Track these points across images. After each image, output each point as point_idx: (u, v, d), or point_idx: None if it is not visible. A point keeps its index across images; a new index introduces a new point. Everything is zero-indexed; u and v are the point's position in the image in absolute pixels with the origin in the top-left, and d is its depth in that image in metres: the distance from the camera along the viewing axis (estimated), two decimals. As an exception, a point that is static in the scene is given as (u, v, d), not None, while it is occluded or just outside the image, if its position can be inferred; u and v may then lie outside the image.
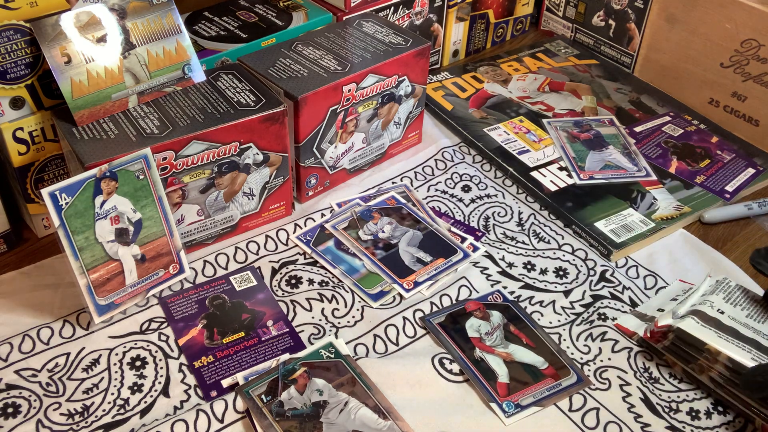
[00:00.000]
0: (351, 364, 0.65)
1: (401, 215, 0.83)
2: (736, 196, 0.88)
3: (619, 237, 0.80)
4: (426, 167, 0.91)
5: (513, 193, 0.88)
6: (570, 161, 0.92)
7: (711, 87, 1.00)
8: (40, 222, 0.79)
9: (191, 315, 0.70)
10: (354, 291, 0.74)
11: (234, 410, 0.62)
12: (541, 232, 0.82)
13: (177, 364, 0.66)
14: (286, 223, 0.82)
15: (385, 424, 0.60)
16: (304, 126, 0.79)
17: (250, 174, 0.76)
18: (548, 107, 1.02)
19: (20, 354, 0.66)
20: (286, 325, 0.70)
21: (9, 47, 0.68)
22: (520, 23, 1.22)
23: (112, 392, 0.63)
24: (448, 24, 1.09)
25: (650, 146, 0.95)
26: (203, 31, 0.90)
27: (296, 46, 0.85)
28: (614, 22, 1.12)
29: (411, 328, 0.70)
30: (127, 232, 0.67)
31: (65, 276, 0.73)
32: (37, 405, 0.62)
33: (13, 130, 0.72)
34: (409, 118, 0.91)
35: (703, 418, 0.64)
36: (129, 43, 0.73)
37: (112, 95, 0.72)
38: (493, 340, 0.69)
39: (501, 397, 0.64)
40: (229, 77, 0.79)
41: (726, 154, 0.94)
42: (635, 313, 0.73)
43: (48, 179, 0.77)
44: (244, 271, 0.76)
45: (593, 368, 0.67)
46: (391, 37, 0.87)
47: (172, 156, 0.69)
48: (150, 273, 0.70)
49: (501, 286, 0.75)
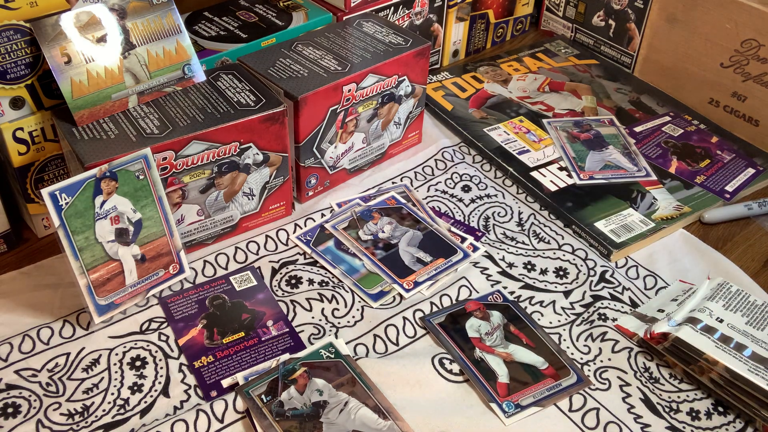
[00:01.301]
0: (351, 364, 0.65)
1: (401, 215, 0.83)
2: (736, 196, 0.88)
3: (619, 237, 0.80)
4: (426, 167, 0.91)
5: (513, 193, 0.88)
6: (570, 161, 0.92)
7: (711, 87, 1.00)
8: (40, 222, 0.79)
9: (191, 315, 0.70)
10: (354, 291, 0.74)
11: (234, 410, 0.62)
12: (541, 232, 0.82)
13: (177, 364, 0.66)
14: (286, 223, 0.82)
15: (385, 424, 0.60)
16: (304, 126, 0.79)
17: (250, 174, 0.76)
18: (548, 107, 1.02)
19: (20, 354, 0.66)
20: (286, 325, 0.70)
21: (9, 47, 0.68)
22: (520, 23, 1.22)
23: (112, 392, 0.63)
24: (448, 24, 1.09)
25: (650, 146, 0.95)
26: (203, 31, 0.90)
27: (296, 46, 0.85)
28: (614, 22, 1.12)
29: (411, 328, 0.70)
30: (127, 232, 0.67)
31: (65, 276, 0.73)
32: (37, 405, 0.62)
33: (13, 130, 0.72)
34: (409, 118, 0.91)
35: (704, 418, 0.64)
36: (129, 43, 0.73)
37: (112, 95, 0.72)
38: (493, 340, 0.69)
39: (501, 397, 0.64)
40: (229, 77, 0.79)
41: (726, 154, 0.94)
42: (635, 313, 0.73)
43: (48, 179, 0.76)
44: (244, 271, 0.76)
45: (593, 368, 0.67)
46: (391, 37, 0.87)
47: (172, 156, 0.69)
48: (150, 273, 0.70)
49: (501, 286, 0.75)
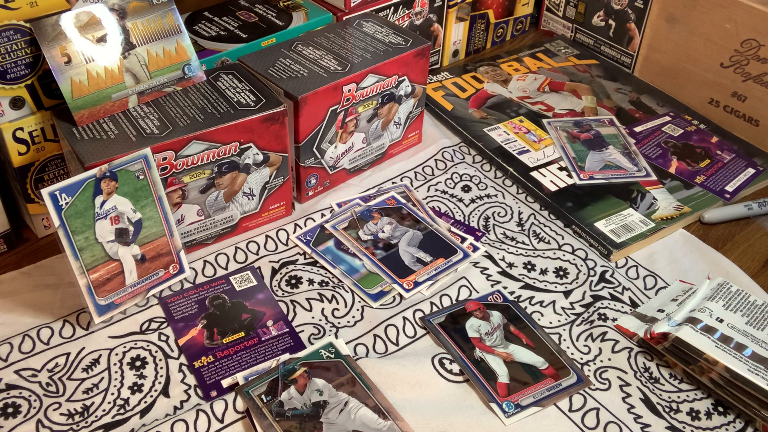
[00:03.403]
0: (351, 364, 0.65)
1: (401, 215, 0.83)
2: (736, 196, 0.88)
3: (619, 237, 0.80)
4: (426, 167, 0.91)
5: (513, 193, 0.88)
6: (570, 161, 0.92)
7: (711, 87, 1.00)
8: (40, 222, 0.79)
9: (191, 315, 0.70)
10: (354, 291, 0.74)
11: (234, 410, 0.62)
12: (541, 232, 0.82)
13: (177, 364, 0.66)
14: (286, 223, 0.82)
15: (385, 424, 0.60)
16: (304, 126, 0.79)
17: (250, 174, 0.76)
18: (548, 107, 1.02)
19: (20, 354, 0.66)
20: (286, 325, 0.70)
21: (9, 47, 0.68)
22: (520, 23, 1.22)
23: (112, 392, 0.63)
24: (448, 24, 1.09)
25: (650, 146, 0.95)
26: (203, 31, 0.90)
27: (296, 46, 0.85)
28: (614, 22, 1.12)
29: (411, 328, 0.70)
30: (127, 232, 0.67)
31: (65, 276, 0.73)
32: (37, 405, 0.62)
33: (13, 130, 0.72)
34: (409, 118, 0.91)
35: (704, 418, 0.64)
36: (129, 43, 0.73)
37: (112, 95, 0.72)
38: (493, 340, 0.69)
39: (501, 397, 0.64)
40: (229, 77, 0.79)
41: (726, 154, 0.94)
42: (635, 313, 0.73)
43: (48, 179, 0.76)
44: (244, 271, 0.76)
45: (593, 368, 0.67)
46: (391, 37, 0.87)
47: (172, 156, 0.69)
48: (150, 273, 0.70)
49: (501, 286, 0.75)
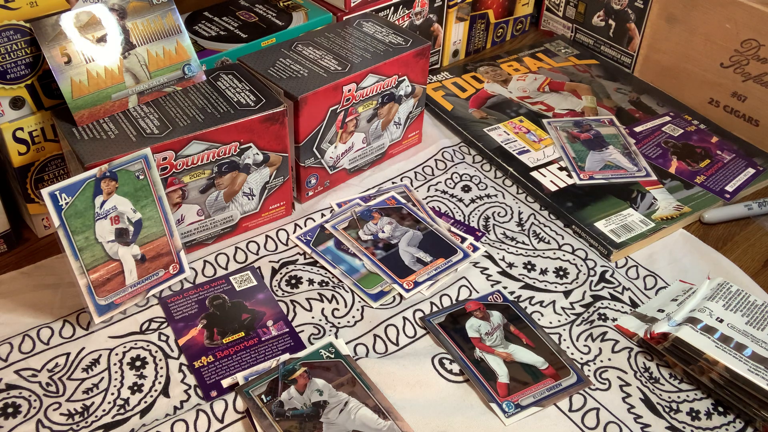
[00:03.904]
0: (351, 364, 0.65)
1: (401, 215, 0.83)
2: (736, 196, 0.88)
3: (619, 237, 0.80)
4: (426, 167, 0.91)
5: (513, 193, 0.88)
6: (570, 161, 0.92)
7: (711, 87, 1.00)
8: (40, 222, 0.79)
9: (191, 315, 0.70)
10: (354, 291, 0.74)
11: (234, 410, 0.62)
12: (541, 232, 0.82)
13: (177, 364, 0.66)
14: (286, 223, 0.82)
15: (385, 424, 0.60)
16: (304, 126, 0.79)
17: (250, 174, 0.76)
18: (548, 107, 1.02)
19: (20, 354, 0.66)
20: (286, 325, 0.70)
21: (9, 47, 0.68)
22: (520, 23, 1.22)
23: (112, 392, 0.63)
24: (448, 24, 1.09)
25: (650, 146, 0.95)
26: (203, 31, 0.90)
27: (296, 46, 0.85)
28: (614, 22, 1.12)
29: (411, 328, 0.70)
30: (127, 232, 0.67)
31: (65, 276, 0.73)
32: (37, 405, 0.62)
33: (13, 130, 0.72)
34: (409, 118, 0.91)
35: (704, 418, 0.64)
36: (129, 43, 0.73)
37: (112, 95, 0.72)
38: (493, 340, 0.69)
39: (501, 397, 0.64)
40: (229, 77, 0.79)
41: (726, 154, 0.94)
42: (635, 313, 0.73)
43: (48, 179, 0.76)
44: (244, 271, 0.76)
45: (593, 368, 0.67)
46: (391, 37, 0.87)
47: (172, 156, 0.69)
48: (150, 273, 0.70)
49: (501, 286, 0.75)
